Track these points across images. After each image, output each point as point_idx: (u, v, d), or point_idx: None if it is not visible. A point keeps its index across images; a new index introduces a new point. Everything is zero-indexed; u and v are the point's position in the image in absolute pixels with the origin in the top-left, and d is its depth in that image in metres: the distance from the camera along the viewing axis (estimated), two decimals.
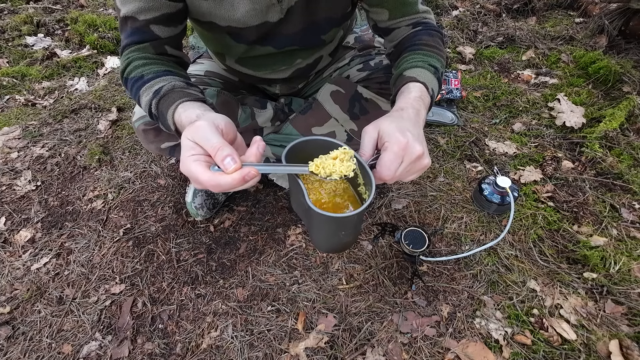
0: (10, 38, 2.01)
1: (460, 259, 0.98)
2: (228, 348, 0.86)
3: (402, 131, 0.51)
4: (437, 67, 0.67)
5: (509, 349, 0.82)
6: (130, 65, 0.67)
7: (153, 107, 0.62)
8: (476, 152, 1.27)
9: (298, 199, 0.58)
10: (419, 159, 0.51)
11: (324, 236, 0.59)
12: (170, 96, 0.59)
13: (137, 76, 0.65)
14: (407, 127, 0.52)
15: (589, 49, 1.66)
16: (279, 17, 0.72)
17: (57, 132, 1.46)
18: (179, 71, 0.69)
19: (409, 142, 0.50)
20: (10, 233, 1.12)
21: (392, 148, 0.50)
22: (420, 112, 0.58)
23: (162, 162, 1.30)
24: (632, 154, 1.19)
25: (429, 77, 0.64)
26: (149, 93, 0.62)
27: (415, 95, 0.60)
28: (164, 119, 0.60)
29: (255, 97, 1.02)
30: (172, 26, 0.69)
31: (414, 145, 0.50)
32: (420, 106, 0.59)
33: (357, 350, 0.84)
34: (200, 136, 0.45)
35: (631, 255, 0.96)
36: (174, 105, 0.57)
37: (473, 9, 2.07)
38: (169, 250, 1.05)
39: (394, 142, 0.50)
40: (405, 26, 0.75)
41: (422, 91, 0.61)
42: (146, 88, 0.63)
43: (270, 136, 1.07)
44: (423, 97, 0.61)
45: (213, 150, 0.44)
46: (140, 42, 0.67)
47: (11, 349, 0.88)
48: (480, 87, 1.55)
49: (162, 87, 0.61)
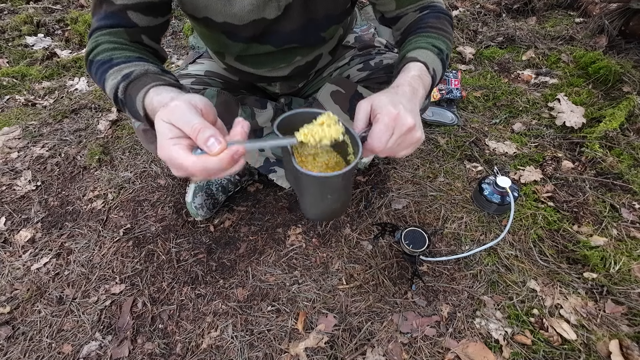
0: (10, 38, 2.01)
1: (460, 259, 0.98)
2: (228, 348, 0.86)
3: (394, 104, 0.51)
4: (442, 49, 0.65)
5: (509, 349, 0.82)
6: (98, 47, 0.60)
7: (120, 91, 0.55)
8: (476, 152, 1.27)
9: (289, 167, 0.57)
10: (410, 131, 0.51)
11: (311, 201, 0.59)
12: (141, 80, 0.53)
13: (105, 59, 0.58)
14: (400, 100, 0.52)
15: (589, 49, 1.66)
16: (277, 13, 0.72)
17: (57, 132, 1.46)
18: (154, 61, 0.63)
19: (399, 113, 0.50)
20: (10, 233, 1.12)
21: (383, 119, 0.50)
22: (418, 91, 0.57)
23: (162, 162, 1.30)
24: (632, 154, 1.19)
25: (430, 57, 0.63)
26: (117, 76, 0.56)
27: (413, 74, 0.59)
28: (132, 104, 0.54)
29: (255, 97, 1.01)
30: (151, 16, 0.63)
31: (405, 116, 0.50)
32: (418, 85, 0.58)
33: (357, 350, 0.84)
34: (177, 117, 0.41)
35: (631, 255, 0.96)
36: (145, 88, 0.51)
37: (473, 9, 2.07)
38: (169, 250, 1.05)
39: (385, 114, 0.50)
40: (413, 12, 0.74)
41: (421, 70, 0.60)
42: (114, 71, 0.57)
43: (270, 136, 1.07)
44: (422, 76, 0.60)
45: (194, 131, 0.39)
46: (114, 26, 0.61)
47: (11, 349, 0.88)
48: (480, 87, 1.55)
49: (133, 72, 0.55)
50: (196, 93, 0.88)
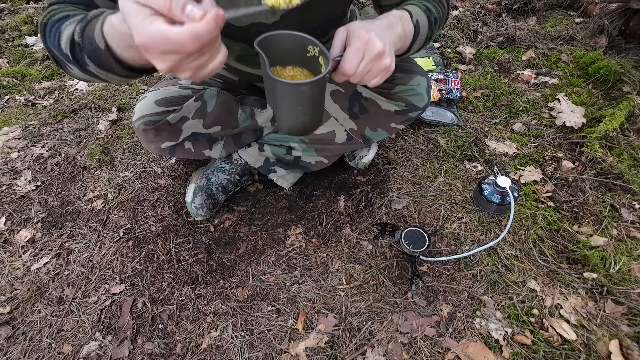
0: (10, 38, 2.01)
1: (460, 259, 0.98)
2: (228, 348, 0.86)
3: (367, 29, 0.53)
4: (431, 10, 0.67)
5: (509, 349, 0.82)
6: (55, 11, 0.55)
7: (77, 35, 0.48)
8: (476, 152, 1.27)
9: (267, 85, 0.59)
10: (379, 57, 0.53)
11: (284, 112, 0.61)
12: (99, 18, 0.47)
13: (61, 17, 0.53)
14: (373, 28, 0.54)
15: (589, 49, 1.66)
16: (273, 19, 0.72)
17: (57, 132, 1.46)
18: None
19: (370, 38, 0.52)
20: (10, 233, 1.12)
21: (355, 43, 0.53)
22: (395, 26, 0.59)
23: (162, 162, 1.30)
24: (632, 154, 1.19)
25: (416, 10, 0.65)
26: (72, 24, 0.50)
27: (394, 14, 0.61)
28: (90, 43, 0.47)
29: (255, 97, 1.02)
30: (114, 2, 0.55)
31: (375, 41, 0.52)
32: (395, 21, 0.60)
33: (357, 350, 0.84)
34: None
35: (631, 255, 0.96)
36: (102, 17, 0.45)
37: (473, 9, 2.07)
38: (169, 250, 1.06)
39: (357, 37, 0.53)
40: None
41: (403, 14, 0.62)
42: (70, 22, 0.52)
43: (270, 136, 1.07)
44: (403, 18, 0.62)
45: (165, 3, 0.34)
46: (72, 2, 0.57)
47: (11, 349, 0.88)
48: (480, 87, 1.55)
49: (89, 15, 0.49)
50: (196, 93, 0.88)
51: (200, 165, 1.25)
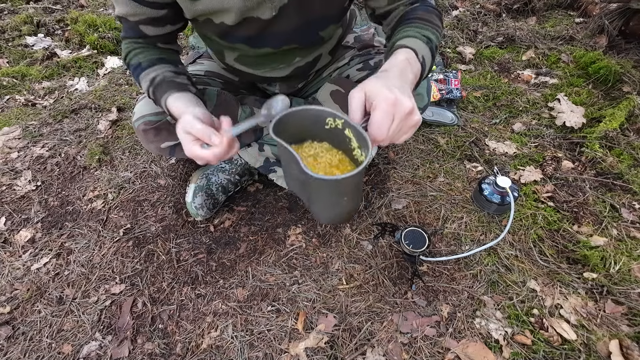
0: (10, 38, 2.01)
1: (460, 259, 0.98)
2: (228, 348, 0.86)
3: (389, 88, 0.49)
4: (431, 38, 0.65)
5: (509, 349, 0.82)
6: (131, 53, 0.78)
7: (150, 94, 0.76)
8: (476, 152, 1.27)
9: (293, 174, 0.56)
10: (409, 115, 0.50)
11: (326, 205, 0.57)
12: (162, 86, 0.73)
13: (136, 64, 0.77)
14: (393, 84, 0.51)
15: (589, 49, 1.66)
16: (272, 14, 0.72)
17: (57, 132, 1.46)
18: (168, 56, 0.80)
19: (397, 97, 0.48)
20: (10, 233, 1.12)
21: (381, 106, 0.49)
22: (406, 72, 0.57)
23: (162, 162, 1.30)
24: (632, 154, 1.19)
25: (419, 45, 0.62)
26: (147, 80, 0.76)
27: (401, 58, 0.59)
28: (159, 104, 0.76)
29: (255, 97, 1.02)
30: (159, 27, 0.76)
31: (403, 100, 0.49)
32: (405, 67, 0.58)
33: (357, 350, 0.84)
34: (189, 126, 0.59)
35: (631, 255, 0.96)
36: (165, 95, 0.72)
37: (473, 9, 2.07)
38: (169, 250, 1.06)
39: (382, 100, 0.49)
40: (403, 6, 0.74)
41: (409, 54, 0.60)
42: (144, 75, 0.76)
43: (270, 136, 1.07)
44: (410, 60, 0.59)
45: (199, 133, 0.58)
46: (135, 37, 0.78)
47: (11, 349, 0.88)
48: (480, 87, 1.55)
49: (156, 78, 0.74)
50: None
51: (200, 165, 1.25)
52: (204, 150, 0.58)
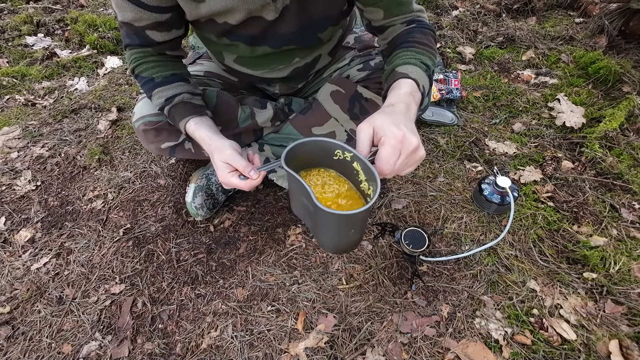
0: (10, 38, 2.01)
1: (460, 259, 0.98)
2: (228, 348, 0.86)
3: (397, 125, 0.53)
4: (429, 65, 0.69)
5: (509, 349, 0.82)
6: (140, 66, 0.78)
7: (165, 111, 0.79)
8: (476, 152, 1.27)
9: (300, 201, 0.59)
10: (415, 151, 0.53)
11: (334, 236, 0.60)
12: (180, 108, 0.77)
13: (148, 77, 0.78)
14: (400, 120, 0.54)
15: (589, 49, 1.66)
16: (275, 15, 0.72)
17: (57, 132, 1.46)
18: (180, 71, 0.82)
19: (405, 135, 0.52)
20: (10, 233, 1.12)
21: (389, 142, 0.52)
22: (411, 107, 0.60)
23: (162, 162, 1.30)
24: (632, 154, 1.19)
25: (420, 74, 0.66)
26: (161, 97, 0.78)
27: (405, 91, 0.62)
28: (174, 122, 0.79)
29: (255, 97, 1.02)
30: (165, 32, 0.76)
31: (410, 137, 0.52)
32: (410, 101, 0.61)
33: (357, 350, 0.84)
34: (230, 159, 0.66)
35: (631, 255, 0.96)
36: (185, 119, 0.76)
37: (473, 9, 2.07)
38: (169, 250, 1.05)
39: (391, 136, 0.52)
40: (400, 24, 0.75)
41: (412, 87, 0.63)
42: (157, 91, 0.78)
43: (270, 136, 1.07)
44: (414, 93, 0.63)
45: (241, 167, 0.66)
46: (141, 45, 0.77)
47: (11, 349, 0.88)
48: (480, 87, 1.55)
49: (174, 97, 0.77)
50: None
51: (200, 165, 1.25)
52: (241, 181, 0.65)
